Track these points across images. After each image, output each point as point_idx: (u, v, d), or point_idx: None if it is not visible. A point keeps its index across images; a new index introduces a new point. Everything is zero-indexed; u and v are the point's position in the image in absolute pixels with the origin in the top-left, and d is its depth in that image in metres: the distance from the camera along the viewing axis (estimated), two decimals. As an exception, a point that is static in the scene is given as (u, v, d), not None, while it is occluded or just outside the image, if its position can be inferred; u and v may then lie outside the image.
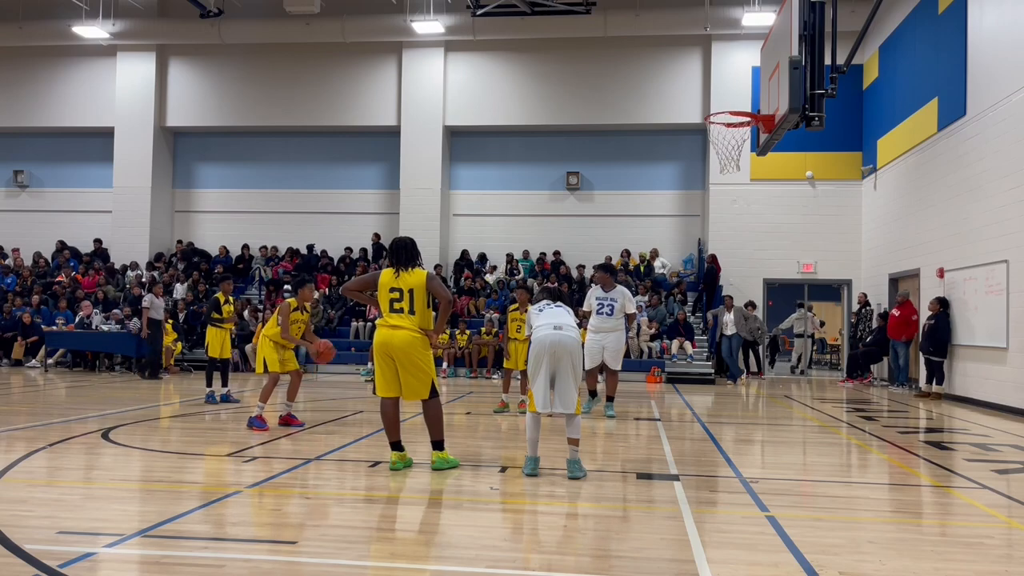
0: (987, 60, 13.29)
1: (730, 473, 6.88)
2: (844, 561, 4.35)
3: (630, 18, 20.08)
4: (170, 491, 5.84)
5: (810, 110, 9.15)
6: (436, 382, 6.54)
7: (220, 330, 11.91)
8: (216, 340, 11.85)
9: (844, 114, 18.92)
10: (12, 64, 22.94)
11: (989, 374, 13.10)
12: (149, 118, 22.48)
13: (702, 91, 21.01)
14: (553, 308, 6.68)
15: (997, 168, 12.88)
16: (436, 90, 21.68)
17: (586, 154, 22.05)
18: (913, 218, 16.54)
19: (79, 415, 10.06)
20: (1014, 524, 5.39)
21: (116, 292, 20.72)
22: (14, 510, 5.22)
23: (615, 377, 10.66)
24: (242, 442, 8.00)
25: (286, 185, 22.88)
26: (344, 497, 5.80)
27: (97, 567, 4.10)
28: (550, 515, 5.37)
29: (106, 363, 18.35)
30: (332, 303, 20.75)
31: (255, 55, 22.46)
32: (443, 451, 6.60)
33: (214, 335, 11.89)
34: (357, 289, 6.96)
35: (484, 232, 22.28)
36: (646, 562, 4.29)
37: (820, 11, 9.14)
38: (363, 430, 9.05)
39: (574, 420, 6.40)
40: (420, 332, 6.41)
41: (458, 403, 12.25)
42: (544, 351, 6.36)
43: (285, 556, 4.31)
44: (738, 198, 20.23)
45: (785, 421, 11.16)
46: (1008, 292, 12.41)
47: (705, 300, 19.60)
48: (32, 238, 23.20)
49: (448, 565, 4.24)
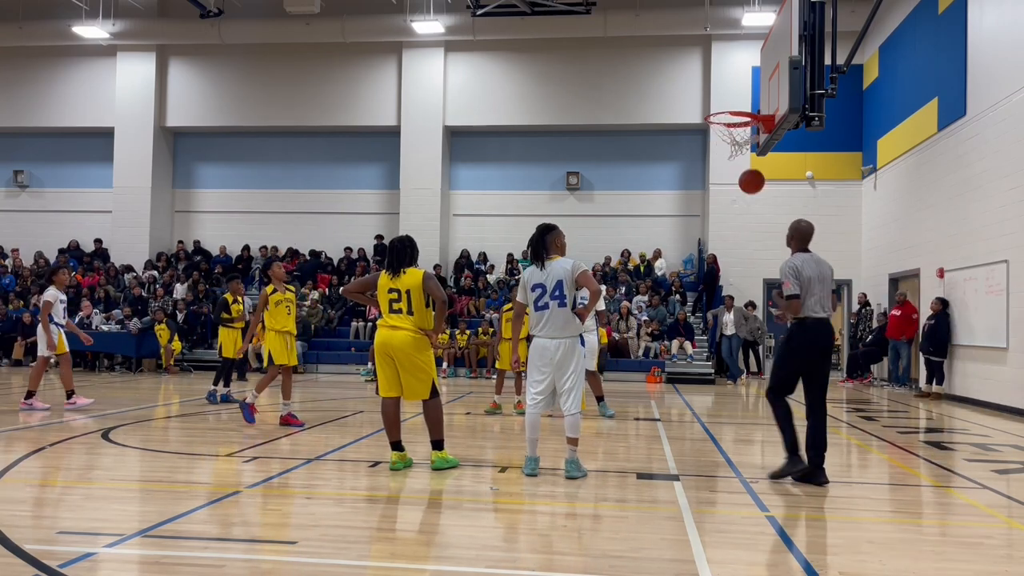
0: (987, 60, 13.29)
1: (730, 473, 6.88)
2: (844, 561, 4.35)
3: (630, 18, 20.08)
4: (170, 491, 5.84)
5: (810, 110, 9.15)
6: (437, 382, 6.53)
7: (232, 330, 11.89)
8: (229, 340, 11.84)
9: (844, 114, 18.91)
10: (12, 64, 22.93)
11: (989, 374, 13.10)
12: (149, 118, 22.48)
13: (702, 91, 21.00)
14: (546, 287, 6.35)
15: (997, 168, 12.88)
16: (436, 90, 21.67)
17: (586, 154, 22.05)
18: (913, 218, 16.53)
19: (79, 415, 10.06)
20: (1014, 524, 5.39)
21: (116, 292, 20.72)
22: (14, 510, 5.22)
23: (595, 378, 10.60)
24: (242, 442, 8.00)
25: (286, 185, 22.87)
26: (344, 497, 5.79)
27: (97, 567, 4.10)
28: (550, 515, 5.36)
29: (106, 363, 18.35)
30: (332, 303, 20.75)
31: (255, 55, 22.45)
32: (443, 451, 6.61)
33: (226, 335, 11.88)
34: (357, 291, 6.98)
35: (484, 232, 22.27)
36: (646, 562, 4.28)
37: (820, 11, 9.14)
38: (363, 430, 9.05)
39: (573, 420, 6.39)
40: (419, 332, 6.39)
41: (458, 403, 12.25)
42: (540, 358, 6.37)
43: (285, 556, 4.31)
44: (738, 198, 20.16)
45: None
46: (1008, 292, 12.41)
47: (705, 300, 19.60)
48: (32, 238, 23.20)
49: (448, 565, 4.24)
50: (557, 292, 6.29)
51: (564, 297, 6.29)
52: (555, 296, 6.30)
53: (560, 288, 6.29)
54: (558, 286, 6.29)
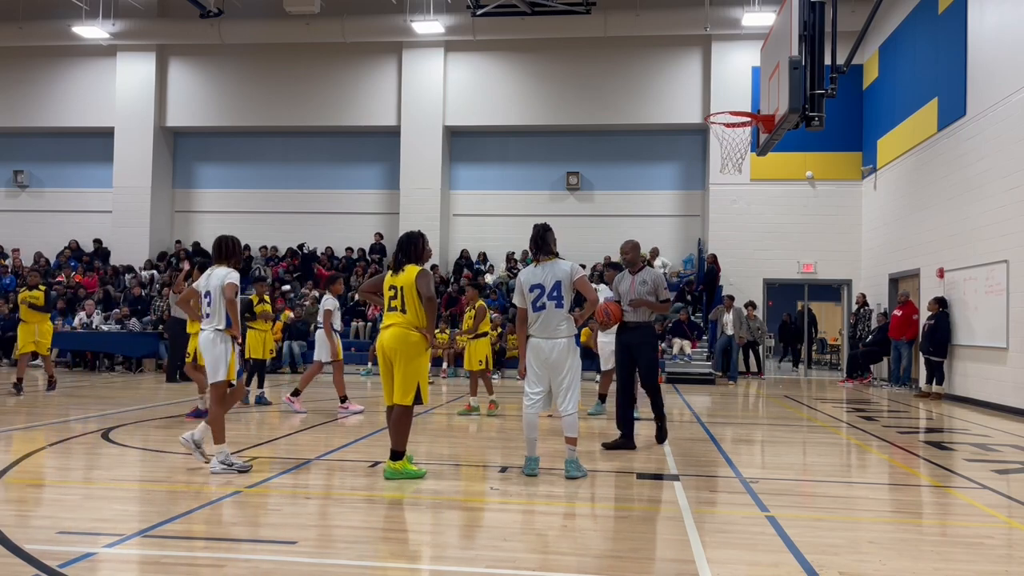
0: (987, 60, 13.29)
1: (730, 473, 6.88)
2: (844, 561, 4.35)
3: (630, 18, 20.09)
4: (170, 491, 5.84)
5: (810, 110, 9.15)
6: (424, 392, 6.25)
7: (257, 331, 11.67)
8: (256, 341, 11.48)
9: (844, 114, 18.92)
10: (12, 64, 22.94)
11: (989, 374, 13.10)
12: (149, 118, 22.49)
13: (702, 91, 21.00)
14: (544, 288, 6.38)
15: (997, 168, 12.88)
16: (436, 90, 21.68)
17: (586, 154, 22.06)
18: (913, 218, 16.53)
19: (79, 415, 10.07)
20: (1014, 524, 5.39)
21: (116, 292, 20.72)
22: (14, 510, 5.22)
23: (607, 377, 10.62)
24: (242, 442, 8.00)
25: (286, 185, 22.88)
26: (344, 497, 5.79)
27: (97, 567, 4.10)
28: (550, 515, 5.37)
29: (106, 363, 18.35)
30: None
31: (255, 55, 22.46)
32: (401, 461, 6.28)
33: (253, 337, 11.54)
34: (370, 291, 6.93)
35: (484, 232, 22.28)
36: (646, 562, 4.29)
37: (820, 11, 9.14)
38: (363, 430, 9.05)
39: (571, 419, 6.39)
40: (412, 330, 6.20)
41: (457, 403, 12.25)
42: (536, 358, 6.37)
43: (285, 556, 4.31)
44: (738, 198, 20.24)
45: (785, 421, 11.15)
46: (1008, 292, 12.41)
47: (705, 300, 19.60)
48: (32, 238, 23.21)
49: (448, 565, 4.24)
50: (555, 293, 6.32)
51: (561, 298, 6.32)
52: (552, 297, 6.32)
53: (558, 289, 6.32)
54: (556, 287, 6.32)
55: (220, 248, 6.76)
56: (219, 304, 6.58)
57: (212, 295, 6.61)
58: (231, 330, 6.59)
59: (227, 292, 6.54)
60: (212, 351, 6.55)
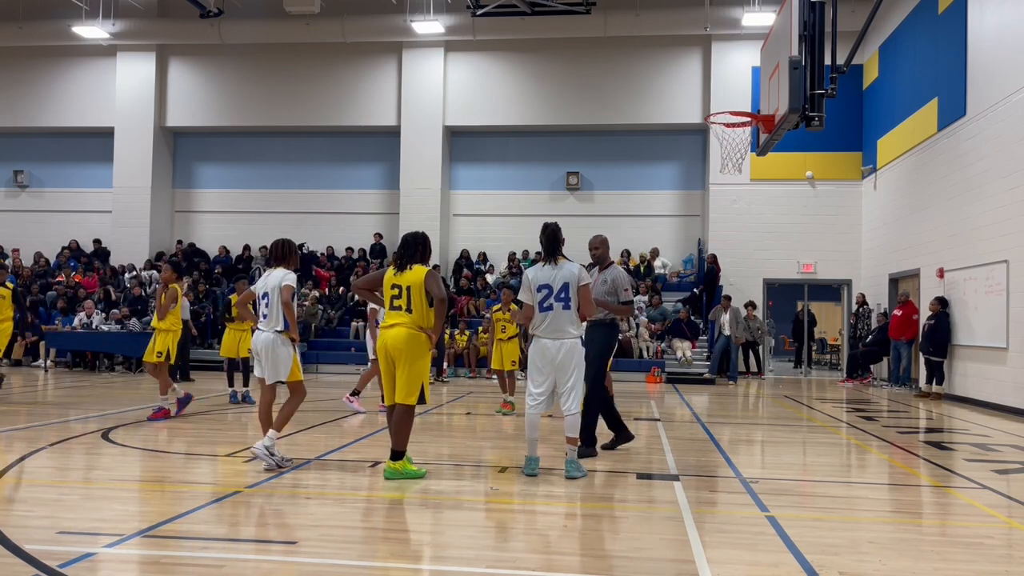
0: (987, 60, 13.29)
1: (730, 473, 6.88)
2: (844, 561, 4.35)
3: (630, 18, 20.09)
4: (170, 491, 5.84)
5: (810, 110, 9.15)
6: (427, 392, 6.28)
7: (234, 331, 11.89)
8: (229, 340, 11.90)
9: (844, 114, 18.91)
10: (12, 64, 22.92)
11: (989, 374, 13.10)
12: (149, 118, 22.48)
13: (702, 91, 21.00)
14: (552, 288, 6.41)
15: (997, 168, 12.88)
16: (436, 90, 21.67)
17: (586, 154, 22.05)
18: (913, 218, 16.53)
19: (79, 415, 10.07)
20: (1014, 524, 5.39)
21: (116, 292, 20.70)
22: (14, 510, 5.22)
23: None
24: (242, 442, 8.00)
25: (286, 185, 22.87)
26: (344, 497, 5.79)
27: (97, 567, 4.10)
28: (550, 515, 5.37)
29: (106, 363, 18.35)
30: (332, 303, 20.75)
31: (255, 55, 22.45)
32: (401, 461, 6.27)
33: (226, 335, 11.95)
34: (365, 287, 6.84)
35: (484, 232, 22.27)
36: (646, 562, 4.28)
37: (820, 11, 9.14)
38: (363, 430, 9.05)
39: (573, 420, 6.39)
40: (417, 330, 6.20)
41: (458, 403, 12.26)
42: (542, 358, 6.37)
43: (285, 556, 4.31)
44: (738, 198, 20.23)
45: (785, 421, 11.15)
46: (1008, 292, 12.41)
47: (705, 300, 19.60)
48: (32, 238, 23.19)
49: (448, 565, 4.24)
50: (563, 294, 6.36)
51: (569, 300, 6.37)
52: (560, 298, 6.36)
53: (566, 291, 6.36)
54: (564, 288, 6.37)
55: (277, 251, 6.96)
56: (276, 306, 6.74)
57: (270, 296, 6.77)
58: (288, 332, 6.72)
59: (284, 294, 6.69)
60: (272, 353, 6.71)
